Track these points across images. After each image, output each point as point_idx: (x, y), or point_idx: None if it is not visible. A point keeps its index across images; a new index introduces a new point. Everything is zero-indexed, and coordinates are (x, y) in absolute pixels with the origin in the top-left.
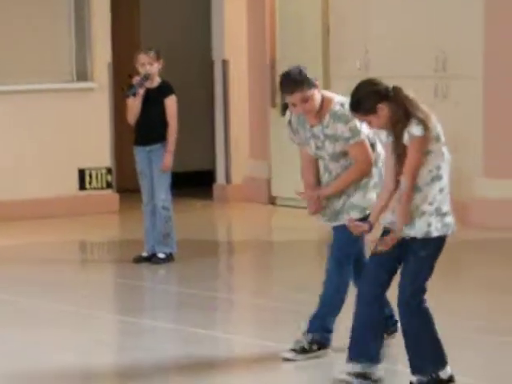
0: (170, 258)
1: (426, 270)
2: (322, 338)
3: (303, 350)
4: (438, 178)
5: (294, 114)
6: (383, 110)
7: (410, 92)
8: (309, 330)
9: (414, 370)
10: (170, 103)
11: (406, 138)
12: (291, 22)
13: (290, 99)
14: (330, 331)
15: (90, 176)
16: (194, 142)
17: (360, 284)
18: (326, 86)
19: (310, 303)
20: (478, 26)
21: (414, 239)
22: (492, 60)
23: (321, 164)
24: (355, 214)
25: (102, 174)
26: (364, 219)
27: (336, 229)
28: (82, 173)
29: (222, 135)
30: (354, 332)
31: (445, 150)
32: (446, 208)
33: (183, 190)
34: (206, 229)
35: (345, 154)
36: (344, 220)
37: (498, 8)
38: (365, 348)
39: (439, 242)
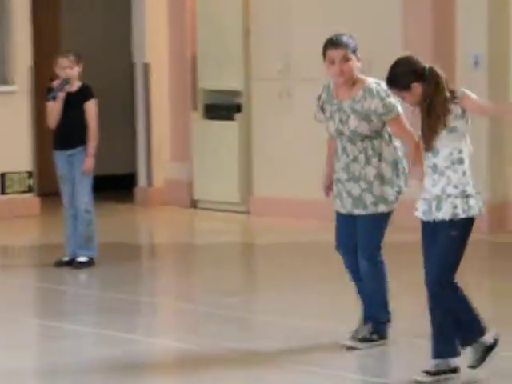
0: (91, 261)
1: (455, 251)
2: (380, 329)
3: (364, 339)
4: (460, 161)
5: (331, 73)
6: (417, 88)
7: (441, 72)
8: (366, 320)
9: (436, 355)
10: (90, 107)
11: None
12: (212, 23)
13: (332, 54)
14: (386, 322)
15: (11, 180)
16: (115, 145)
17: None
18: (247, 88)
19: (233, 306)
20: (396, 29)
21: (442, 222)
22: None
23: (338, 146)
24: (382, 207)
25: (22, 178)
26: (389, 213)
27: (361, 219)
28: (2, 177)
29: (143, 138)
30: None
31: (467, 136)
32: (469, 190)
33: (104, 194)
34: (128, 232)
35: (364, 136)
36: (371, 210)
37: (417, 9)
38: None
39: (466, 223)
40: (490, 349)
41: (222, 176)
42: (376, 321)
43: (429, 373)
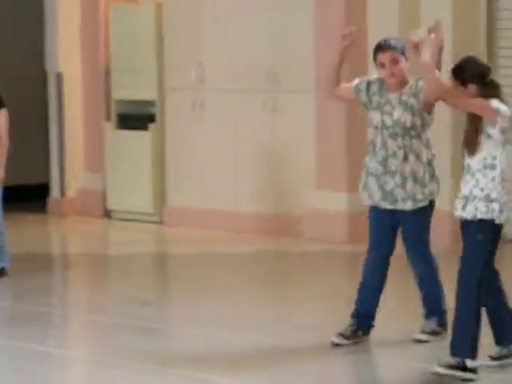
0: (2, 272)
1: (479, 253)
2: (443, 320)
3: (434, 333)
4: (492, 167)
5: (382, 76)
6: (472, 89)
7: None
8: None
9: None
10: (1, 117)
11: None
12: (125, 32)
13: (382, 57)
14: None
15: None
16: (27, 155)
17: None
18: (161, 98)
19: (146, 317)
20: (308, 39)
21: (467, 223)
22: (323, 74)
23: (378, 141)
24: (409, 205)
25: None
26: (416, 211)
27: (406, 216)
28: None
29: (56, 148)
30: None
31: (505, 144)
32: (494, 195)
33: (17, 204)
34: (41, 243)
35: (405, 133)
36: (411, 205)
37: (326, 21)
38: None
39: (488, 226)
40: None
41: (136, 186)
42: (439, 313)
43: (446, 366)
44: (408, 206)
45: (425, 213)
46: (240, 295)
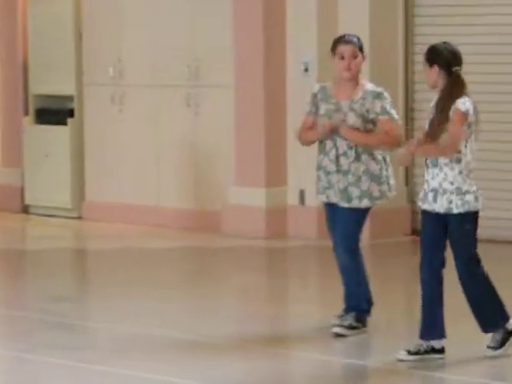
0: None
1: (471, 240)
2: (363, 317)
3: (351, 327)
4: (458, 160)
5: (339, 68)
6: (435, 70)
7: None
8: (349, 310)
9: (483, 328)
10: None
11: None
12: (43, 27)
13: (343, 48)
14: (366, 311)
15: None
16: None
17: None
18: (79, 93)
19: (64, 312)
20: (228, 35)
21: (449, 216)
22: (242, 69)
23: (328, 140)
24: (365, 202)
25: None
26: (370, 209)
27: (343, 212)
28: None
29: None
30: (425, 312)
31: (473, 137)
32: (466, 187)
33: None
34: None
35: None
36: (357, 204)
37: (245, 17)
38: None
39: (471, 216)
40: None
41: (54, 181)
42: (359, 309)
43: (409, 352)
44: (364, 203)
45: (363, 211)
46: (159, 291)
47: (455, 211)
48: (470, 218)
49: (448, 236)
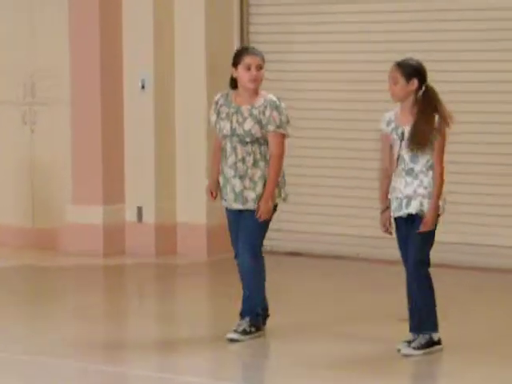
0: None
1: (430, 240)
2: (257, 321)
3: (245, 332)
4: (432, 167)
5: (245, 79)
6: (413, 85)
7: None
8: (244, 315)
9: (415, 329)
10: None
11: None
12: None
13: (250, 60)
14: (260, 315)
15: None
16: None
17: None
18: None
19: None
20: (64, 52)
21: (412, 217)
22: (78, 86)
23: (227, 147)
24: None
25: None
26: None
27: (245, 215)
28: None
29: None
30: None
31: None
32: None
33: None
34: None
35: (254, 140)
36: (253, 206)
37: (81, 33)
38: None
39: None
40: (434, 343)
41: None
42: (254, 314)
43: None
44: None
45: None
46: (27, 309)
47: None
48: (434, 220)
49: (410, 235)
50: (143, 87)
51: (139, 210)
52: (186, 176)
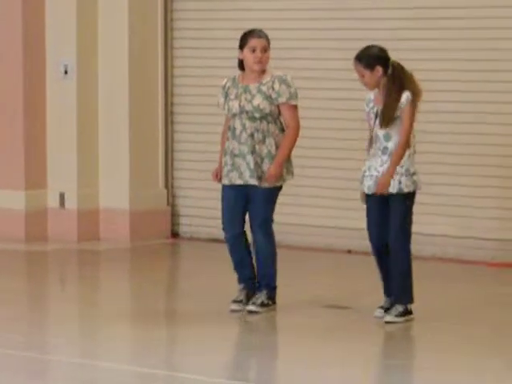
0: None
1: (409, 215)
2: (274, 294)
3: (263, 304)
4: (407, 145)
5: (251, 61)
6: (378, 71)
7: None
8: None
9: (395, 300)
10: None
11: (403, 103)
12: None
13: (255, 42)
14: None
15: None
16: None
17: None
18: None
19: None
20: None
21: (391, 195)
22: (0, 73)
23: (237, 124)
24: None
25: None
26: (280, 188)
27: (257, 192)
28: None
29: None
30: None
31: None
32: (413, 169)
33: None
34: None
35: (264, 116)
36: (267, 183)
37: (3, 18)
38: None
39: (411, 196)
40: (408, 313)
41: None
42: (271, 287)
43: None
44: (263, 183)
45: (275, 191)
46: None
47: (405, 190)
48: (411, 196)
49: (390, 213)
50: (66, 73)
51: (61, 195)
52: (109, 162)
